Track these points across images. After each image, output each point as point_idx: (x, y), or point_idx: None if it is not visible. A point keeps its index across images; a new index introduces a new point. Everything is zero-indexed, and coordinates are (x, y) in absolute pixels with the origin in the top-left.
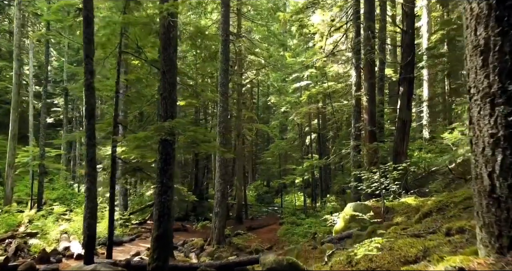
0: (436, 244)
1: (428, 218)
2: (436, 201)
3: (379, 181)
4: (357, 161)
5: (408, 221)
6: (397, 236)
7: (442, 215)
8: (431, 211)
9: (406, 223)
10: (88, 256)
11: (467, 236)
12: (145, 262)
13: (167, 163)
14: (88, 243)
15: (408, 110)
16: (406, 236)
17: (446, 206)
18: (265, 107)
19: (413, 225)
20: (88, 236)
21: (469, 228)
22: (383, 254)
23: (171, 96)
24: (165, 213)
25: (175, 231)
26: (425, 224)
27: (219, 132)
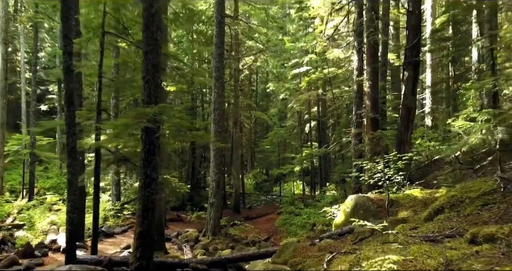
0: (460, 255)
1: (441, 215)
2: (449, 196)
3: (383, 171)
4: (358, 150)
5: (415, 216)
6: (407, 239)
7: (456, 212)
8: (443, 207)
9: (414, 219)
10: (70, 252)
11: (503, 248)
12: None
13: (151, 152)
14: (70, 238)
15: (413, 96)
16: (419, 240)
17: (461, 201)
18: (264, 95)
19: (423, 224)
20: (70, 231)
21: (502, 237)
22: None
23: (154, 80)
24: (150, 208)
25: (170, 222)
26: (438, 223)
27: (214, 120)
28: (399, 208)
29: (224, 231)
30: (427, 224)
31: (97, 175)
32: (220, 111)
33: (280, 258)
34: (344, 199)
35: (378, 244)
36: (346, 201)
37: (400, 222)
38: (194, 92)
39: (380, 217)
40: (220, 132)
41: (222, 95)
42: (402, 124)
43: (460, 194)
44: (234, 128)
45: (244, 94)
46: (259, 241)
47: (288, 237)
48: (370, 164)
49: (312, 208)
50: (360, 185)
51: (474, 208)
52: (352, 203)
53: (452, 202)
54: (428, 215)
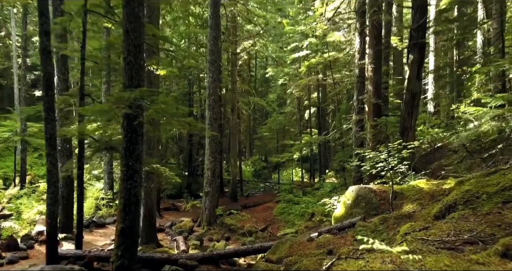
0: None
1: (454, 213)
2: (463, 191)
3: (387, 161)
4: (359, 137)
5: (422, 211)
6: (419, 245)
7: (472, 210)
8: (455, 203)
9: (421, 215)
10: (50, 247)
11: None
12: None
13: (133, 141)
14: (50, 232)
15: (418, 80)
16: (433, 246)
17: (477, 197)
18: (263, 80)
19: (434, 223)
20: (50, 225)
21: None
22: None
23: (137, 61)
24: (132, 202)
25: (165, 211)
26: (452, 223)
27: (208, 106)
28: (404, 200)
29: (220, 220)
30: (439, 223)
31: (81, 165)
32: (215, 97)
33: (275, 254)
34: (343, 188)
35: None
36: (346, 193)
37: (406, 218)
38: (191, 77)
39: (383, 211)
40: (216, 119)
41: (218, 80)
42: (405, 110)
43: (476, 188)
44: (231, 114)
45: (242, 80)
46: (256, 231)
47: (286, 228)
48: (372, 152)
49: (311, 196)
50: (361, 174)
51: (493, 205)
52: (353, 195)
53: (467, 197)
54: (439, 211)
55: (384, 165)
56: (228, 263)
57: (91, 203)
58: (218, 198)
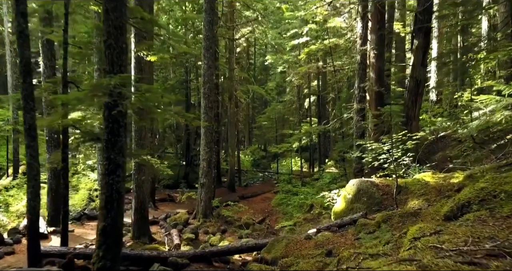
0: None
1: (469, 214)
2: (477, 188)
3: (390, 153)
4: (360, 127)
5: (429, 208)
6: (433, 259)
7: (489, 211)
8: (469, 202)
9: (429, 213)
10: (32, 245)
11: None
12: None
13: (114, 133)
14: (31, 230)
15: (422, 67)
16: (450, 259)
17: (493, 196)
18: (262, 68)
19: (446, 225)
20: (31, 220)
21: None
22: None
23: (118, 44)
24: (115, 199)
25: (161, 202)
26: (468, 227)
27: (203, 94)
28: (408, 195)
29: (216, 212)
30: (451, 226)
31: (65, 157)
32: (210, 84)
33: (270, 253)
34: (343, 179)
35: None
36: (347, 186)
37: (412, 216)
38: (187, 65)
39: (386, 206)
40: (211, 108)
41: (213, 67)
42: (409, 98)
43: (492, 186)
44: (229, 103)
45: (241, 68)
46: (253, 223)
47: (284, 220)
48: (375, 144)
49: (310, 187)
50: (362, 165)
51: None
52: (354, 189)
53: (482, 196)
54: (450, 211)
55: (387, 157)
56: (221, 260)
57: (84, 194)
58: (215, 188)
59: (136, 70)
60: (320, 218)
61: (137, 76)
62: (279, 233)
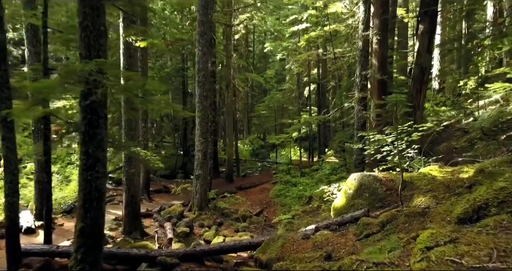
0: None
1: (487, 218)
2: (495, 188)
3: (395, 145)
4: (362, 117)
5: (438, 207)
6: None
7: (511, 216)
8: (487, 203)
9: (438, 213)
10: (11, 245)
11: None
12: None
13: (93, 124)
14: (10, 227)
15: (428, 53)
16: None
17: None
18: (261, 56)
19: (461, 231)
20: (9, 219)
21: None
22: None
23: (95, 26)
24: (94, 197)
25: (156, 193)
26: (489, 235)
27: (198, 82)
28: (414, 191)
29: (212, 204)
30: (468, 232)
31: (47, 149)
32: (205, 72)
33: (265, 254)
34: (343, 170)
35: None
36: (348, 181)
37: (420, 216)
38: (184, 52)
39: (389, 203)
40: (206, 96)
41: (208, 54)
42: (414, 87)
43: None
44: (226, 91)
45: (240, 55)
46: (250, 216)
47: (282, 213)
48: (378, 135)
49: (309, 178)
50: (363, 157)
51: None
52: (355, 184)
53: (502, 197)
54: (464, 213)
55: (390, 149)
56: (214, 259)
57: (76, 185)
58: (212, 179)
59: (125, 57)
60: (319, 211)
61: (114, 61)
62: (277, 226)
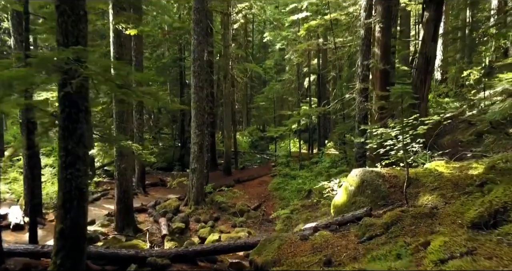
0: None
1: (508, 225)
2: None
3: (402, 138)
4: (363, 109)
5: (447, 207)
6: None
7: None
8: (505, 207)
9: (447, 214)
10: None
11: None
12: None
13: (72, 118)
14: None
15: (433, 42)
16: None
17: None
18: (261, 46)
19: (477, 239)
20: None
21: None
22: None
23: (74, 11)
24: (74, 196)
25: (152, 186)
26: (510, 246)
27: (193, 72)
28: (419, 189)
29: (209, 198)
30: (487, 242)
31: (31, 144)
32: (201, 62)
33: (260, 256)
34: (344, 162)
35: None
36: (349, 177)
37: (427, 217)
38: (181, 41)
39: (393, 201)
40: (202, 87)
41: (204, 43)
42: (418, 77)
43: None
44: (224, 82)
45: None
46: (248, 210)
47: (280, 208)
48: (381, 129)
49: (308, 171)
50: (364, 150)
51: None
52: (356, 180)
53: None
54: (479, 216)
55: (393, 143)
56: (207, 260)
57: None
58: (208, 173)
59: (115, 46)
60: (319, 205)
61: (96, 48)
62: (275, 221)
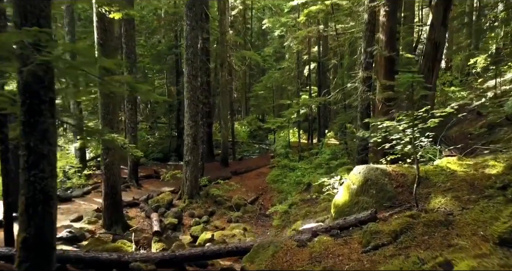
0: None
1: None
2: None
3: (412, 134)
4: (366, 98)
5: (464, 213)
6: None
7: None
8: None
9: (467, 224)
10: None
11: None
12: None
13: (34, 111)
14: None
15: (443, 27)
16: None
17: None
18: (260, 33)
19: (508, 258)
20: None
21: None
22: None
23: None
24: (39, 201)
25: (146, 179)
26: None
27: (186, 60)
28: (430, 189)
29: (204, 191)
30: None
31: (3, 137)
32: (194, 49)
33: (253, 264)
34: (344, 154)
35: None
36: (351, 174)
37: (442, 225)
38: (176, 28)
39: (401, 202)
40: (196, 75)
41: (197, 29)
42: (425, 65)
43: None
44: (220, 70)
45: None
46: (244, 204)
47: (277, 203)
48: (387, 122)
49: (308, 162)
50: (367, 143)
51: None
52: (360, 178)
53: None
54: (509, 232)
55: (400, 137)
56: (196, 264)
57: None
58: (204, 165)
59: (99, 31)
60: (318, 200)
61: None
62: (273, 216)
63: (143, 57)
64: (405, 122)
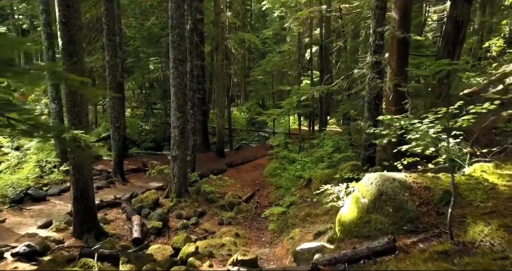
0: None
1: None
2: None
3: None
4: (375, 87)
5: None
6: None
7: None
8: None
9: None
10: None
11: None
12: None
13: None
14: None
15: (467, 3)
16: None
17: None
18: (260, 15)
19: None
20: None
21: None
22: None
23: None
24: None
25: (133, 172)
26: None
27: (172, 42)
28: (465, 210)
29: (195, 188)
30: None
31: None
32: (180, 30)
33: None
34: (348, 146)
35: None
36: (361, 183)
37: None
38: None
39: (426, 227)
40: (183, 60)
41: (183, 7)
42: (444, 48)
43: None
44: (215, 54)
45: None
46: (238, 203)
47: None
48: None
49: (309, 154)
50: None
51: None
52: (372, 191)
53: None
54: None
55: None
56: None
57: (30, 169)
58: (195, 158)
59: (60, 7)
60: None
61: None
62: (269, 217)
63: (132, 39)
64: (429, 120)
